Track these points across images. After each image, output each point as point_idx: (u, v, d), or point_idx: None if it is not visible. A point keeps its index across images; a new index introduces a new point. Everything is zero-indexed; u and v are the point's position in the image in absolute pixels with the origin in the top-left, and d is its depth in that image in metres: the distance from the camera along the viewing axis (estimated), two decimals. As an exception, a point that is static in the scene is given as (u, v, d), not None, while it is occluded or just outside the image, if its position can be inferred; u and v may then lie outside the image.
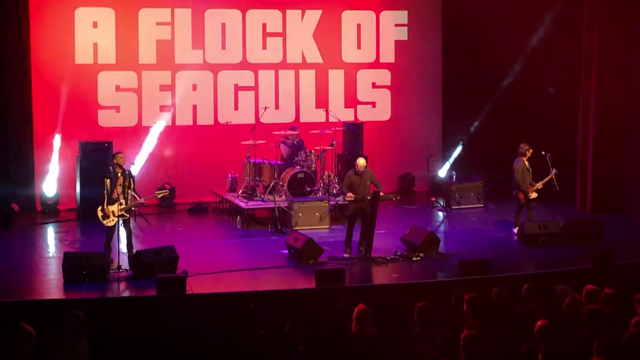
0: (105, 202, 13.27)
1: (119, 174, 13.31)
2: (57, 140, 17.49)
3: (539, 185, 15.03)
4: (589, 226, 14.87)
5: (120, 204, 13.26)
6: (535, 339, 8.73)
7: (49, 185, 17.52)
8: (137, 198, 13.46)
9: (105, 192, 13.25)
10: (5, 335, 8.99)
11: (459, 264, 12.84)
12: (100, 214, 13.33)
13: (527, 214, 15.17)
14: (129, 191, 13.31)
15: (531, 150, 15.06)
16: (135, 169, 16.18)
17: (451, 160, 18.93)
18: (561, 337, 8.97)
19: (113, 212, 13.27)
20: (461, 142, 18.86)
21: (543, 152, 15.05)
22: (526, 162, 15.09)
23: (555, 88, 18.76)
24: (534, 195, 15.08)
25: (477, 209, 17.72)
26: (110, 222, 13.31)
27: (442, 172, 18.94)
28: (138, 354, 11.13)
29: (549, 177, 14.99)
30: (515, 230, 15.08)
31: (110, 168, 13.38)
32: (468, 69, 19.65)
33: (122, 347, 11.03)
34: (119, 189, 13.27)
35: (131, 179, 13.41)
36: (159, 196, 14.08)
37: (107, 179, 13.31)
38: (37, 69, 17.55)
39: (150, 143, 18.06)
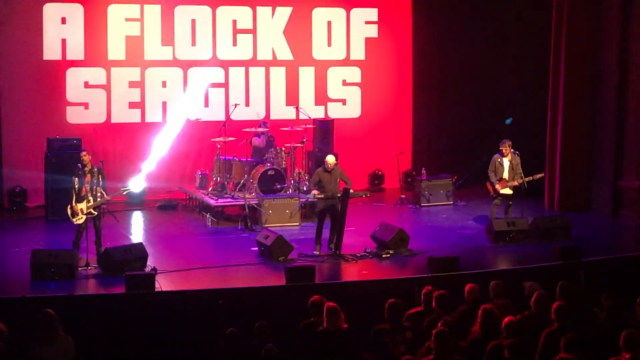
0: (74, 200, 13.21)
1: (87, 172, 13.24)
2: (25, 137, 17.34)
3: (515, 182, 15.07)
4: (557, 223, 14.98)
5: (89, 202, 13.19)
6: (503, 336, 8.79)
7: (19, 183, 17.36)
8: (105, 195, 13.40)
9: (73, 190, 13.19)
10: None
11: (428, 261, 12.90)
12: (69, 211, 13.28)
13: (491, 210, 15.27)
14: (98, 188, 13.26)
15: (506, 146, 15.11)
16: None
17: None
18: (529, 333, 9.05)
19: (82, 209, 13.20)
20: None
21: (514, 150, 15.12)
22: (503, 158, 15.15)
23: (526, 90, 18.88)
24: (505, 190, 15.15)
25: (447, 207, 17.79)
26: (79, 220, 13.25)
27: (412, 169, 18.94)
28: (107, 352, 11.08)
29: (529, 178, 15.06)
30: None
31: (79, 166, 13.33)
32: (438, 65, 19.72)
33: (92, 345, 10.97)
34: (87, 186, 13.21)
35: (100, 176, 13.34)
36: (124, 193, 14.01)
37: (74, 177, 13.26)
38: (5, 64, 17.38)
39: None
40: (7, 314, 10.58)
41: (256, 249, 14.03)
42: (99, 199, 13.28)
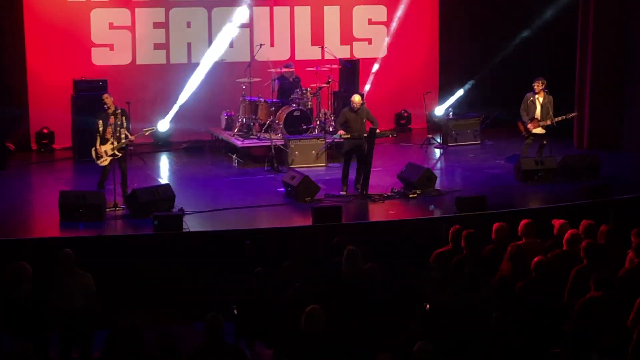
0: (98, 142, 13.22)
1: (110, 114, 13.23)
2: (52, 79, 17.34)
3: (548, 121, 14.88)
4: (586, 162, 14.84)
5: (112, 144, 13.20)
6: (532, 274, 8.76)
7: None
8: (129, 136, 13.40)
9: (97, 132, 13.20)
10: (3, 273, 9.03)
11: (455, 201, 12.84)
12: (93, 154, 13.32)
13: (523, 149, 15.14)
14: (122, 130, 13.26)
15: (539, 84, 14.91)
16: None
17: (451, 100, 18.73)
18: (559, 272, 9.01)
19: (106, 151, 13.23)
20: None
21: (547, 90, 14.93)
22: (536, 96, 14.96)
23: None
24: (537, 130, 14.96)
25: (474, 146, 17.65)
26: (103, 162, 13.29)
27: (439, 109, 18.81)
28: (134, 292, 11.18)
29: (562, 117, 14.89)
30: None
31: (104, 107, 13.32)
32: (465, 2, 19.38)
33: (119, 285, 11.07)
34: (111, 128, 13.20)
35: (124, 118, 13.34)
36: (147, 133, 14.02)
37: (98, 119, 13.26)
38: (30, 6, 17.30)
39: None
40: (37, 253, 10.71)
41: (282, 189, 14.03)
42: (123, 141, 13.28)
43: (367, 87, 18.73)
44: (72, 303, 9.04)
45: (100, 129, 13.23)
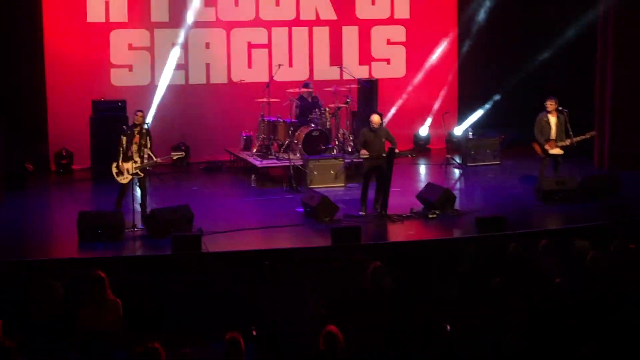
0: (120, 159, 13.20)
1: (136, 132, 13.21)
2: (71, 99, 17.42)
3: (567, 142, 14.76)
4: (607, 182, 14.73)
5: (135, 162, 13.19)
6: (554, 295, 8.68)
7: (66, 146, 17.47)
8: (153, 157, 13.39)
9: (120, 149, 13.17)
10: (30, 291, 9.01)
11: (475, 221, 12.76)
12: (114, 170, 13.25)
13: (540, 169, 15.03)
14: (145, 150, 13.24)
15: (553, 104, 14.81)
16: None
17: (471, 120, 18.68)
18: (579, 292, 8.92)
19: (127, 169, 13.21)
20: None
21: (560, 108, 14.84)
22: (549, 116, 14.85)
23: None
24: (554, 151, 14.85)
25: (493, 166, 17.58)
26: (124, 180, 13.25)
27: (459, 129, 18.77)
28: (153, 313, 11.14)
29: (581, 137, 14.78)
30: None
31: (127, 126, 13.32)
32: (484, 23, 19.35)
33: (138, 306, 11.03)
34: (135, 147, 13.19)
35: (148, 138, 13.32)
36: (175, 157, 13.98)
37: (123, 136, 13.24)
38: (49, 27, 17.41)
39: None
40: (57, 274, 10.69)
41: (301, 209, 13.99)
42: (145, 161, 13.27)
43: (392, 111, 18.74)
44: (100, 327, 9.00)
45: (124, 145, 13.19)
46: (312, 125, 16.77)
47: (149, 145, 13.28)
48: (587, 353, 7.27)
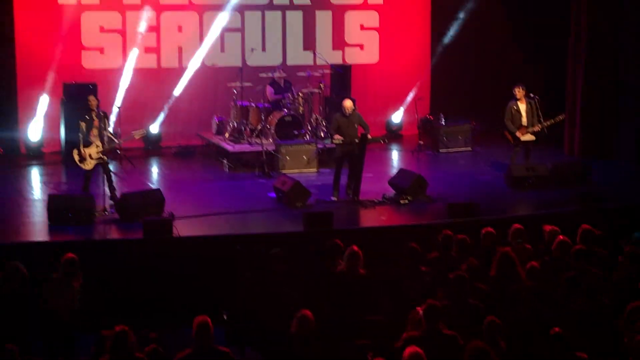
0: (82, 145, 13.10)
1: (94, 116, 13.13)
2: (41, 82, 17.25)
3: (536, 128, 14.84)
4: (578, 169, 14.84)
5: (97, 147, 13.11)
6: (524, 280, 8.74)
7: (34, 128, 17.30)
8: (114, 139, 13.32)
9: (81, 135, 13.08)
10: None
11: (447, 207, 12.81)
12: (77, 157, 13.13)
13: (511, 156, 15.11)
14: (105, 133, 13.17)
15: (520, 91, 14.88)
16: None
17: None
18: (549, 278, 8.98)
19: (90, 155, 13.12)
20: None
21: (531, 94, 14.93)
22: (518, 103, 14.93)
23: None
24: (526, 137, 14.93)
25: (465, 153, 17.64)
26: (88, 166, 13.15)
27: (431, 115, 18.77)
28: (124, 297, 11.11)
29: (550, 121, 14.84)
30: None
31: (87, 111, 13.23)
32: (458, 9, 19.37)
33: (109, 290, 11.01)
34: (95, 131, 13.10)
35: (106, 120, 13.25)
36: (137, 137, 13.91)
37: (82, 122, 13.14)
38: (20, 8, 17.21)
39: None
40: (26, 258, 10.62)
41: (273, 195, 13.98)
42: (107, 144, 13.19)
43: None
44: (67, 308, 8.96)
45: (84, 131, 13.09)
46: (285, 110, 16.74)
47: (108, 127, 13.21)
48: (553, 339, 7.33)
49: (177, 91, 17.88)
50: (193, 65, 18.00)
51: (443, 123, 17.96)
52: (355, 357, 7.92)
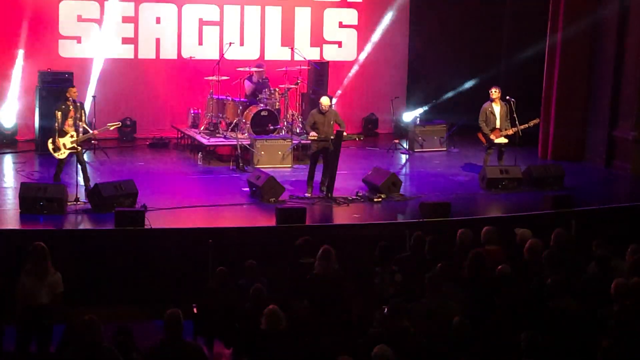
0: (57, 134, 13.05)
1: (70, 106, 13.07)
2: (16, 70, 17.13)
3: (510, 131, 14.92)
4: (551, 172, 14.94)
5: (72, 137, 13.05)
6: (497, 282, 8.78)
7: (8, 115, 17.17)
8: (89, 130, 13.27)
9: (56, 124, 13.02)
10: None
11: (419, 206, 12.85)
12: (51, 146, 13.10)
13: (484, 157, 15.17)
14: (80, 123, 13.12)
15: (496, 92, 14.95)
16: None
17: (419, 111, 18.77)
18: (520, 280, 9.03)
19: (64, 144, 13.05)
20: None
21: (507, 97, 15.01)
22: (493, 105, 15.00)
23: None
24: (499, 140, 15.00)
25: (440, 153, 17.70)
26: (61, 155, 13.10)
27: (406, 114, 18.84)
28: (95, 287, 11.06)
29: (525, 125, 14.91)
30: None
31: (64, 101, 13.15)
32: (436, 9, 19.44)
33: (80, 280, 10.95)
34: (70, 121, 13.05)
35: (82, 111, 13.20)
36: (111, 128, 13.86)
37: (58, 111, 13.09)
38: (-3, -4, 17.11)
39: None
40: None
41: (247, 189, 13.96)
42: (81, 135, 13.14)
43: (338, 92, 18.77)
44: (39, 299, 8.89)
45: (60, 121, 13.04)
46: (262, 105, 16.71)
47: (83, 118, 13.17)
48: (526, 340, 7.36)
49: (153, 82, 17.80)
50: (170, 57, 17.92)
51: (418, 122, 18.00)
52: (325, 353, 7.92)
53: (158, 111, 18.18)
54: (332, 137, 13.76)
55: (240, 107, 16.74)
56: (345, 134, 13.90)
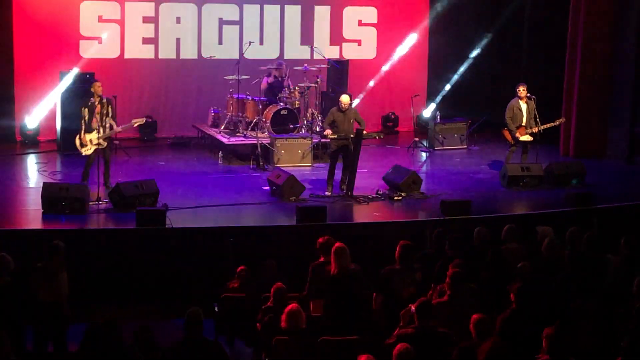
0: (83, 130, 13.15)
1: (97, 103, 13.16)
2: (38, 71, 17.24)
3: (535, 129, 14.86)
4: (572, 169, 14.86)
5: (98, 133, 13.14)
6: (516, 279, 8.75)
7: (30, 116, 17.27)
8: (115, 126, 13.35)
9: (82, 121, 13.12)
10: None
11: (440, 204, 12.82)
12: (77, 142, 13.23)
13: (507, 155, 15.12)
14: (107, 119, 13.21)
15: (523, 90, 14.87)
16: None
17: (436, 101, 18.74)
18: (540, 278, 9.00)
19: (91, 140, 13.15)
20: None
21: (529, 94, 14.93)
22: (520, 103, 14.93)
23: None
24: (524, 137, 14.94)
25: (460, 150, 17.66)
26: (87, 151, 13.23)
27: (427, 112, 18.81)
28: (115, 286, 11.12)
29: (551, 124, 14.85)
30: None
31: (89, 97, 13.25)
32: (456, 6, 19.37)
33: (100, 278, 11.02)
34: (97, 117, 13.14)
35: (109, 107, 13.30)
36: (136, 124, 13.93)
37: (84, 107, 13.19)
38: (18, -3, 17.22)
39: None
40: (20, 245, 10.65)
41: (267, 188, 13.98)
42: (108, 130, 13.23)
43: (361, 95, 18.75)
44: (58, 296, 8.96)
45: (86, 117, 13.15)
46: (281, 104, 16.73)
47: (111, 114, 13.26)
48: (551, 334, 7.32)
49: (174, 82, 17.87)
50: (190, 56, 17.97)
51: (438, 120, 17.96)
52: (344, 353, 7.92)
53: (179, 111, 18.25)
54: (351, 136, 13.75)
55: (260, 106, 16.77)
56: (365, 132, 13.90)
